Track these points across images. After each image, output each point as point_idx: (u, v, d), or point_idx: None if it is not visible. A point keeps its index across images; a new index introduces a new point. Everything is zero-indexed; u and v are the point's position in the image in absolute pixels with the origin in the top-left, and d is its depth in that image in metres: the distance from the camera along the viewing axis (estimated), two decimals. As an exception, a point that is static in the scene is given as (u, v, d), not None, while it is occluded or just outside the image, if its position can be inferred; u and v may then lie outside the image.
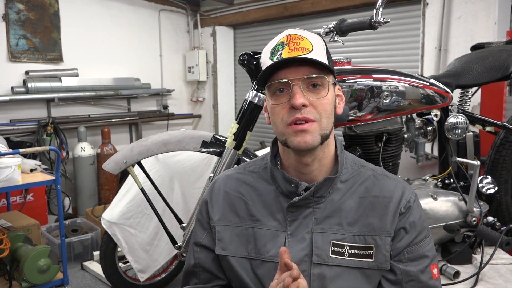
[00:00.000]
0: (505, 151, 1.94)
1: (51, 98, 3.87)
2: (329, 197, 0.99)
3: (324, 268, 0.94)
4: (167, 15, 4.88)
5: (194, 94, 5.23)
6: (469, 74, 1.93)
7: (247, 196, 1.04)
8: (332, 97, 0.97)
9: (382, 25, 1.52)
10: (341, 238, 0.96)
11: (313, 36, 0.98)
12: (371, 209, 0.97)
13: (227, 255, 1.02)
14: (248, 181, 1.07)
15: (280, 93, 0.95)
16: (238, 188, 1.06)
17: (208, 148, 1.91)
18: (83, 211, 3.93)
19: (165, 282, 2.60)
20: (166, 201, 2.03)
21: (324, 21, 4.07)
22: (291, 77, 0.92)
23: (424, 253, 0.98)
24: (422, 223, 1.00)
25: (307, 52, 0.93)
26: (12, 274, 2.50)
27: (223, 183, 1.09)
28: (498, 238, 1.59)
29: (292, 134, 0.93)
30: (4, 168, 2.36)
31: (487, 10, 2.98)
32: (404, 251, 0.97)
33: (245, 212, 1.03)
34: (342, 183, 1.01)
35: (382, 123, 1.73)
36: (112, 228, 2.31)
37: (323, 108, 0.94)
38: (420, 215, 1.01)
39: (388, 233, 0.96)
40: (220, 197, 1.07)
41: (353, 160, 1.06)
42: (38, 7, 3.84)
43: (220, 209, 1.05)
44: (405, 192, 1.00)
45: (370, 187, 1.00)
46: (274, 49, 0.97)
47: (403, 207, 0.98)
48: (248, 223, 1.02)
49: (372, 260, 0.95)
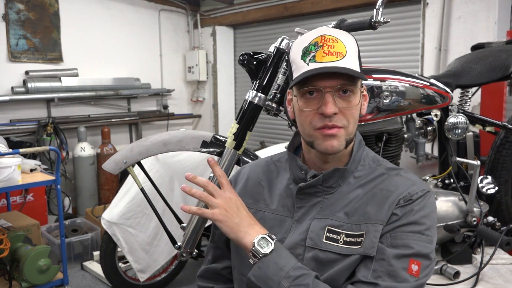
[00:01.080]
0: (505, 151, 1.94)
1: (51, 98, 3.87)
2: (339, 189, 1.00)
3: (316, 252, 0.96)
4: (167, 15, 4.88)
5: (194, 94, 5.23)
6: (469, 74, 1.93)
7: (265, 182, 1.10)
8: (359, 102, 0.98)
9: (382, 25, 1.51)
10: (338, 225, 0.96)
11: (347, 38, 0.97)
12: (371, 199, 0.97)
13: None
14: (271, 169, 1.13)
15: (310, 96, 0.95)
16: (259, 175, 1.13)
17: (208, 148, 1.90)
18: (83, 211, 3.94)
19: (165, 282, 2.60)
20: (166, 201, 2.03)
21: (324, 21, 4.07)
22: (324, 85, 0.92)
23: (409, 243, 0.91)
24: (421, 217, 0.94)
25: (341, 58, 0.92)
26: (12, 274, 2.50)
27: (248, 169, 1.17)
28: (498, 238, 1.59)
29: (320, 137, 0.95)
30: (4, 168, 2.36)
31: (487, 10, 2.98)
32: (388, 234, 0.93)
33: (259, 196, 1.09)
34: (355, 178, 1.01)
35: (382, 123, 1.72)
36: (112, 228, 2.31)
37: (352, 115, 0.96)
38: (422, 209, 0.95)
39: (382, 222, 0.94)
40: (242, 180, 1.14)
41: (373, 158, 1.06)
42: (38, 7, 3.85)
43: (239, 190, 1.11)
44: (412, 187, 0.97)
45: (380, 183, 1.00)
46: (306, 49, 0.95)
47: (402, 199, 0.95)
48: (260, 206, 1.07)
49: (360, 247, 0.93)
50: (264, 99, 1.74)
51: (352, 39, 0.98)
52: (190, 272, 2.88)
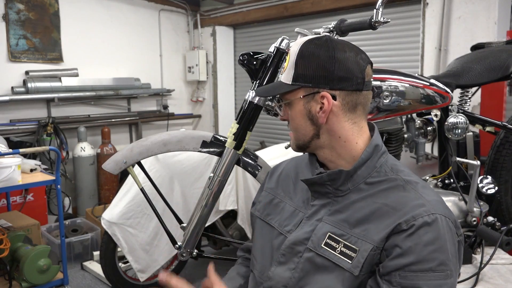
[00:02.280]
0: (505, 151, 1.94)
1: (51, 98, 3.87)
2: (349, 194, 1.00)
3: (314, 255, 0.97)
4: (167, 15, 4.88)
5: (194, 94, 5.24)
6: (469, 74, 1.93)
7: (293, 176, 1.17)
8: (299, 112, 1.03)
9: (382, 25, 1.51)
10: (339, 234, 0.96)
11: (294, 49, 1.02)
12: (374, 215, 0.94)
13: (257, 216, 1.17)
14: (302, 164, 1.18)
15: None
16: (292, 169, 1.19)
17: (208, 148, 1.90)
18: (83, 211, 3.94)
19: (165, 282, 2.60)
20: (166, 201, 2.03)
21: (324, 21, 4.07)
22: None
23: (419, 285, 0.85)
24: (430, 252, 0.86)
25: (283, 72, 1.05)
26: (12, 274, 2.50)
27: (285, 163, 1.24)
28: (498, 238, 1.59)
29: None
30: (4, 168, 2.36)
31: (487, 10, 2.98)
32: (396, 273, 0.87)
33: (287, 188, 1.15)
34: (366, 185, 0.99)
35: (382, 123, 1.73)
36: (112, 228, 2.31)
37: (294, 122, 1.05)
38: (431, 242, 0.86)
39: (372, 241, 0.90)
40: (277, 172, 1.22)
41: (392, 166, 1.01)
42: (38, 7, 3.85)
43: (273, 181, 1.21)
44: (419, 210, 0.89)
45: (389, 195, 0.95)
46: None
47: (404, 223, 0.88)
48: (285, 198, 1.14)
49: (350, 262, 0.92)
50: (264, 99, 1.74)
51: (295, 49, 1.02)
52: (190, 272, 2.88)
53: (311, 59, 0.99)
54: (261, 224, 1.15)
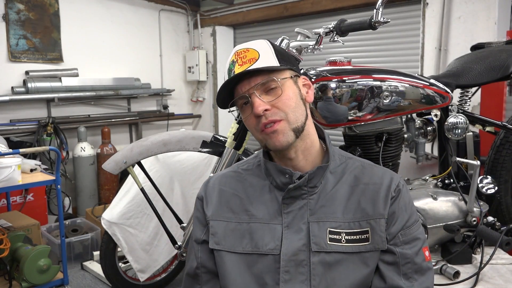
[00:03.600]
0: (505, 151, 1.94)
1: (51, 98, 3.87)
2: (321, 187, 1.02)
3: (323, 255, 0.97)
4: (167, 15, 4.88)
5: (194, 94, 5.24)
6: (469, 74, 1.93)
7: (242, 192, 1.07)
8: (293, 91, 1.01)
9: (382, 25, 1.51)
10: (336, 226, 0.98)
11: (258, 44, 1.04)
12: (362, 196, 1.01)
13: (220, 250, 1.03)
14: (243, 178, 1.10)
15: (245, 106, 1.01)
16: (232, 185, 1.09)
17: (208, 148, 1.91)
18: (83, 211, 3.94)
19: (165, 282, 2.60)
20: (166, 201, 2.03)
21: (324, 21, 4.08)
22: (245, 90, 0.99)
23: (416, 235, 1.02)
24: (411, 207, 1.05)
25: (254, 62, 0.99)
26: (12, 274, 2.50)
27: (217, 181, 1.11)
28: (498, 238, 1.59)
29: (267, 137, 0.99)
30: (4, 168, 2.36)
31: (487, 10, 2.98)
32: (398, 234, 1.00)
33: (239, 207, 1.05)
34: (331, 174, 1.04)
35: (382, 123, 1.73)
36: (112, 228, 2.31)
37: (285, 105, 0.98)
38: (409, 199, 1.05)
39: (382, 215, 0.99)
40: (214, 193, 1.09)
41: (340, 152, 1.11)
42: (38, 7, 3.85)
43: (214, 205, 1.07)
44: (394, 177, 1.05)
45: (359, 175, 1.04)
46: (229, 70, 1.02)
47: (393, 191, 1.02)
48: (243, 218, 1.04)
49: (369, 243, 0.98)
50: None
51: (264, 43, 1.04)
52: (190, 272, 2.88)
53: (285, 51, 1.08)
54: (229, 257, 1.02)
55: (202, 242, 1.08)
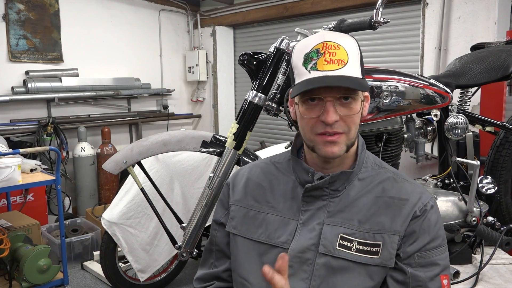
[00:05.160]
0: (505, 151, 1.94)
1: (51, 98, 3.87)
2: (345, 192, 1.00)
3: (329, 259, 0.96)
4: (167, 15, 4.88)
5: (194, 94, 5.24)
6: (469, 74, 1.93)
7: (267, 184, 1.09)
8: (360, 107, 0.97)
9: (382, 25, 1.52)
10: (350, 233, 0.97)
11: (349, 43, 0.95)
12: (384, 209, 0.98)
13: (236, 234, 1.07)
14: (271, 171, 1.11)
15: (312, 103, 0.95)
16: (260, 176, 1.11)
17: (208, 148, 1.91)
18: (83, 211, 3.94)
19: (165, 282, 2.60)
20: (166, 201, 2.03)
21: (324, 21, 4.08)
22: (325, 94, 0.93)
23: (435, 260, 0.97)
24: (437, 230, 0.99)
25: (343, 66, 0.92)
26: (12, 274, 2.50)
27: (248, 170, 1.14)
28: (498, 238, 1.59)
29: (321, 143, 0.96)
30: (4, 168, 2.36)
31: (487, 10, 2.98)
32: (415, 255, 0.96)
33: (262, 198, 1.07)
34: (359, 181, 1.02)
35: (382, 123, 1.72)
36: (112, 228, 2.31)
37: (353, 122, 0.96)
38: (437, 221, 0.99)
39: (397, 232, 0.96)
40: (242, 181, 1.12)
41: (374, 160, 1.08)
42: (38, 7, 3.85)
43: (239, 192, 1.11)
44: (423, 196, 1.00)
45: (387, 188, 1.01)
46: (308, 56, 0.94)
47: (418, 210, 0.97)
48: (264, 208, 1.06)
49: (378, 257, 0.95)
50: (264, 99, 1.75)
51: (354, 44, 0.97)
52: (190, 272, 2.88)
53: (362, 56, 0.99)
54: (243, 242, 1.05)
55: (220, 224, 1.13)
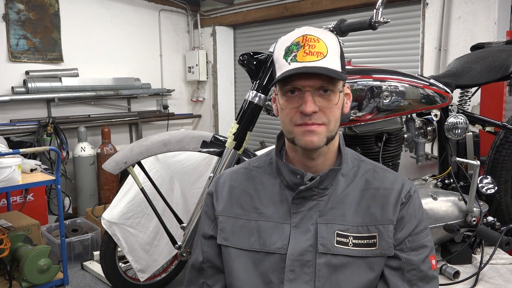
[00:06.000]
0: (505, 151, 1.94)
1: (51, 98, 3.87)
2: (332, 189, 1.02)
3: (329, 257, 0.96)
4: (167, 15, 4.88)
5: (194, 94, 5.24)
6: (469, 74, 1.93)
7: (252, 190, 1.06)
8: (340, 100, 0.98)
9: (382, 25, 1.52)
10: (345, 229, 0.98)
11: (329, 37, 0.98)
12: (372, 200, 1.01)
13: (228, 246, 1.03)
14: (253, 176, 1.09)
15: (291, 94, 0.96)
16: (243, 182, 1.08)
17: (208, 148, 1.91)
18: (83, 211, 3.94)
19: (165, 282, 2.60)
20: (166, 201, 2.03)
21: (324, 21, 4.08)
22: (304, 84, 0.94)
23: (424, 243, 1.02)
24: (421, 214, 1.04)
25: (322, 57, 0.93)
26: (12, 274, 2.50)
27: (228, 177, 1.11)
28: (498, 238, 1.59)
29: (300, 133, 0.96)
30: (4, 168, 2.36)
31: (487, 10, 2.98)
32: (405, 240, 1.00)
33: (249, 205, 1.05)
34: (343, 176, 1.04)
35: (382, 123, 1.73)
36: (112, 228, 2.31)
37: (332, 113, 0.96)
38: (420, 205, 1.05)
39: (391, 221, 0.99)
40: (224, 190, 1.09)
41: (353, 155, 1.09)
42: (38, 7, 3.85)
43: (224, 201, 1.07)
44: (405, 184, 1.04)
45: (370, 180, 1.04)
46: (288, 49, 0.96)
47: (404, 197, 1.02)
48: (252, 215, 1.03)
49: (376, 248, 0.98)
50: (264, 99, 1.75)
51: (334, 39, 0.99)
52: (190, 272, 2.88)
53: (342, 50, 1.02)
54: (236, 253, 1.02)
55: (209, 237, 1.08)
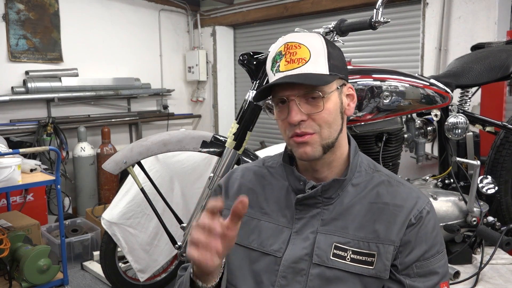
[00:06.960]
0: (505, 151, 1.94)
1: (51, 98, 3.87)
2: (338, 199, 0.97)
3: (323, 269, 0.93)
4: (167, 15, 4.88)
5: (194, 94, 5.24)
6: (469, 74, 1.93)
7: (260, 189, 1.05)
8: (335, 104, 0.94)
9: (382, 25, 1.52)
10: (344, 242, 0.94)
11: (312, 40, 0.94)
12: (379, 216, 0.94)
13: None
14: (264, 175, 1.07)
15: (282, 105, 0.95)
16: (253, 181, 1.07)
17: (208, 148, 1.91)
18: (83, 211, 3.94)
19: (165, 282, 2.60)
20: (166, 201, 2.03)
21: (324, 21, 4.08)
22: (287, 94, 0.92)
23: (434, 269, 0.93)
24: (434, 237, 0.94)
25: (303, 63, 0.91)
26: (12, 274, 2.50)
27: (240, 174, 1.10)
28: (498, 238, 1.59)
29: (294, 145, 0.95)
30: (4, 168, 2.36)
31: (487, 10, 2.98)
32: (413, 265, 0.92)
33: (255, 203, 1.03)
34: (353, 187, 0.99)
35: (382, 123, 1.72)
36: (112, 228, 2.31)
37: (322, 120, 0.92)
38: (433, 227, 0.95)
39: (392, 242, 0.92)
40: (234, 185, 1.08)
41: (369, 164, 1.04)
42: (38, 7, 3.85)
43: (232, 196, 1.06)
44: (419, 202, 0.95)
45: (382, 193, 0.97)
46: (274, 60, 0.95)
47: (413, 218, 0.93)
48: (256, 214, 1.02)
49: (372, 268, 0.92)
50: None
51: (318, 40, 0.94)
52: (190, 272, 2.88)
53: (337, 50, 0.98)
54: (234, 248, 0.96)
55: None
